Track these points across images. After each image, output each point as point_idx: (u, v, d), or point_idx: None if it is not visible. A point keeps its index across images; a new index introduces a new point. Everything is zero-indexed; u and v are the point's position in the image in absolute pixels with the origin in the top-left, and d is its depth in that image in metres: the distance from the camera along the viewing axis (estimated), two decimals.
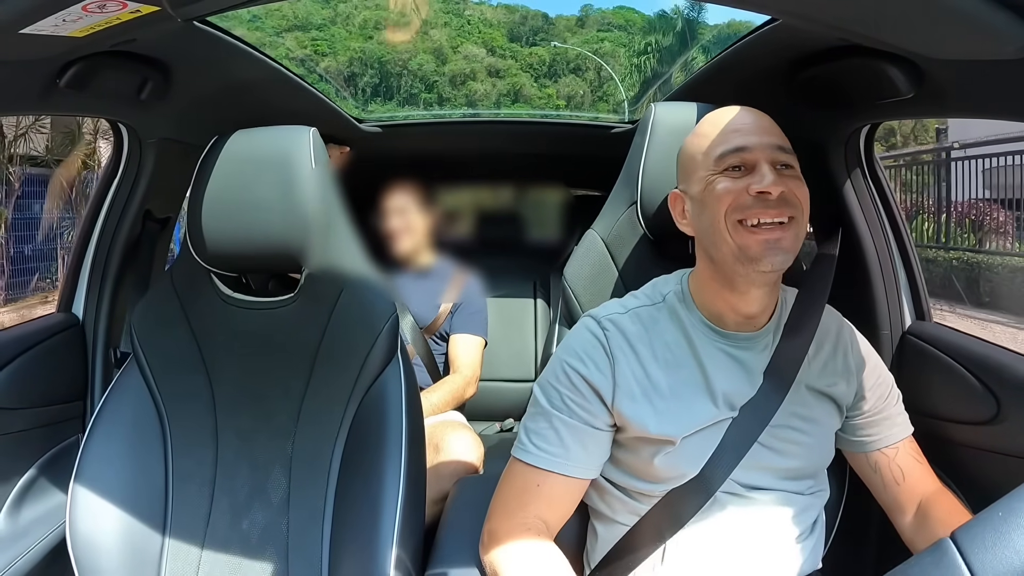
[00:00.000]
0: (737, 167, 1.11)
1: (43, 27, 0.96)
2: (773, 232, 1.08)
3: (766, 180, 1.07)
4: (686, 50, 21.68)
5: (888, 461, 1.23)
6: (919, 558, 0.67)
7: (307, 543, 1.35)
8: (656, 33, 26.04)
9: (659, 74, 22.29)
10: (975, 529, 0.65)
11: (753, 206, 1.08)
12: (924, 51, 1.06)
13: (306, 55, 30.18)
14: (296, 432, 1.41)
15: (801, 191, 1.11)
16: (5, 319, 8.00)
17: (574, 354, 1.16)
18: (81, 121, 9.29)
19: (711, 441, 1.13)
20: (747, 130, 1.13)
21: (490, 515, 1.17)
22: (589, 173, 3.04)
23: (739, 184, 1.10)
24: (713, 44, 15.78)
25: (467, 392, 2.34)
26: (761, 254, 1.08)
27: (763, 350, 1.18)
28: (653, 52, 25.23)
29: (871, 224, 1.56)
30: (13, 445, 1.52)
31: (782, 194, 1.08)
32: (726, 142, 1.12)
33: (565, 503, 1.17)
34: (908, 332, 1.54)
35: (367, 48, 34.11)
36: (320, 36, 34.35)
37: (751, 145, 1.10)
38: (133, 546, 1.31)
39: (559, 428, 1.13)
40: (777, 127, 1.15)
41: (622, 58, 29.81)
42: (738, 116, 1.15)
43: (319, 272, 1.44)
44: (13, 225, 9.18)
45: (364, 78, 34.20)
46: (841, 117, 1.48)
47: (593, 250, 1.52)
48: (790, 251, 1.10)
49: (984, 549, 0.63)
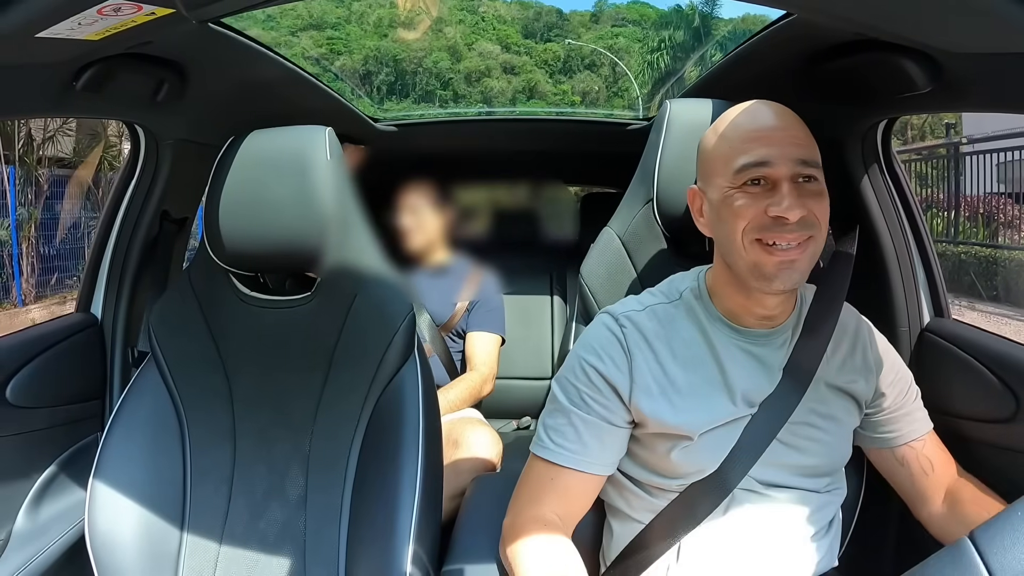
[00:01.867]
0: (757, 181, 1.08)
1: (59, 31, 0.96)
2: (789, 254, 1.07)
3: (784, 204, 1.05)
4: (700, 46, 21.74)
5: (916, 454, 1.23)
6: (937, 557, 0.66)
7: (324, 541, 1.35)
8: (670, 28, 25.88)
9: (672, 71, 22.29)
10: (993, 529, 0.65)
11: (771, 228, 1.07)
12: (941, 45, 1.04)
13: (322, 54, 30.42)
14: (313, 431, 1.41)
15: (820, 208, 1.08)
16: (36, 316, 8.15)
17: (592, 350, 1.16)
18: (105, 123, 9.40)
19: (730, 437, 1.13)
20: (770, 139, 1.08)
21: (509, 510, 1.17)
22: (605, 170, 3.03)
23: (758, 204, 1.07)
24: (728, 40, 15.66)
25: (484, 390, 2.34)
26: (775, 274, 1.07)
27: (781, 346, 1.17)
28: (667, 48, 24.95)
29: (888, 220, 1.54)
30: (32, 443, 1.54)
31: (801, 218, 1.06)
32: (747, 152, 1.08)
33: (582, 499, 1.17)
34: (926, 329, 1.52)
35: (382, 46, 34.17)
36: (335, 35, 34.50)
37: (773, 160, 1.07)
38: (151, 544, 1.33)
39: (577, 424, 1.14)
40: (802, 128, 1.11)
41: (636, 54, 29.74)
42: (762, 119, 1.12)
43: (336, 271, 1.45)
44: (43, 225, 9.34)
45: (380, 76, 34.21)
46: (858, 112, 1.46)
47: (610, 248, 1.52)
48: (805, 271, 1.09)
49: (1003, 549, 0.63)
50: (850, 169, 1.54)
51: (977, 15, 0.86)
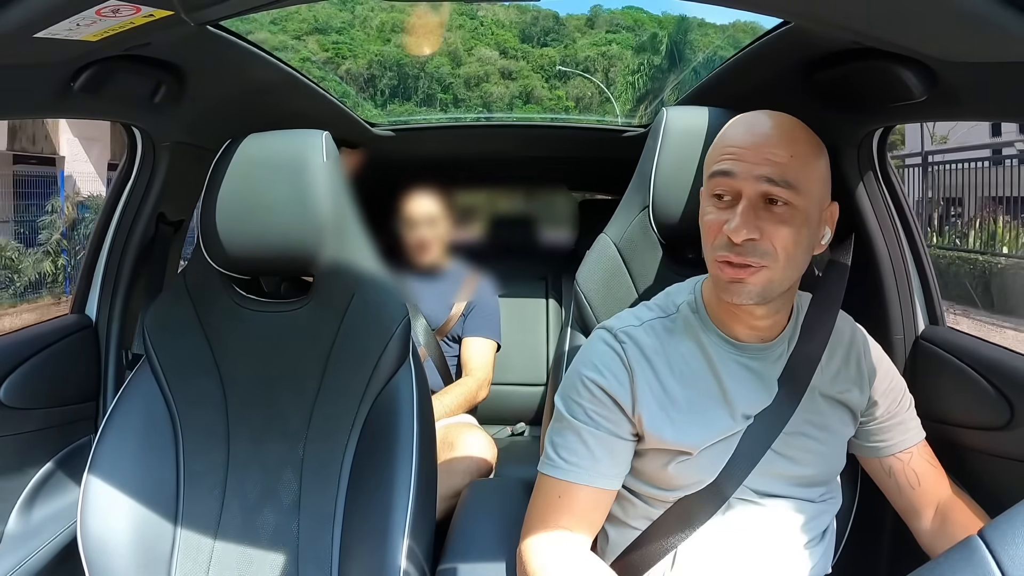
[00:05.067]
0: (722, 194, 1.07)
1: (57, 31, 0.96)
2: (738, 272, 1.05)
3: (732, 224, 1.03)
4: (676, 68, 24.37)
5: (903, 466, 1.23)
6: (947, 556, 0.66)
7: (318, 545, 1.35)
8: (647, 52, 29.01)
9: (652, 90, 24.75)
10: (1004, 526, 0.65)
11: (723, 246, 1.06)
12: (937, 54, 1.05)
13: (328, 58, 31.15)
14: (308, 434, 1.41)
15: (781, 236, 1.04)
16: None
17: (592, 366, 1.15)
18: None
19: (726, 450, 1.13)
20: (743, 153, 1.05)
21: (525, 531, 1.16)
22: (602, 176, 3.04)
23: (720, 217, 1.06)
24: (702, 66, 16.08)
25: (479, 395, 2.34)
26: (726, 287, 1.07)
27: (778, 359, 1.17)
28: (645, 71, 27.83)
29: (884, 228, 1.54)
30: (25, 445, 1.53)
31: (750, 242, 1.04)
32: (720, 161, 1.07)
33: (596, 514, 1.16)
34: (921, 337, 1.52)
35: (385, 51, 34.88)
36: (341, 40, 35.19)
37: (737, 172, 1.05)
38: (144, 546, 1.32)
39: (587, 439, 1.13)
40: (790, 147, 1.05)
41: (628, 60, 31.60)
42: (746, 131, 1.09)
43: (331, 275, 1.45)
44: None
45: (383, 80, 34.92)
46: (854, 120, 1.47)
47: (605, 255, 1.51)
48: (762, 292, 1.07)
49: (1014, 546, 0.63)
50: (846, 177, 1.54)
51: (973, 24, 0.86)
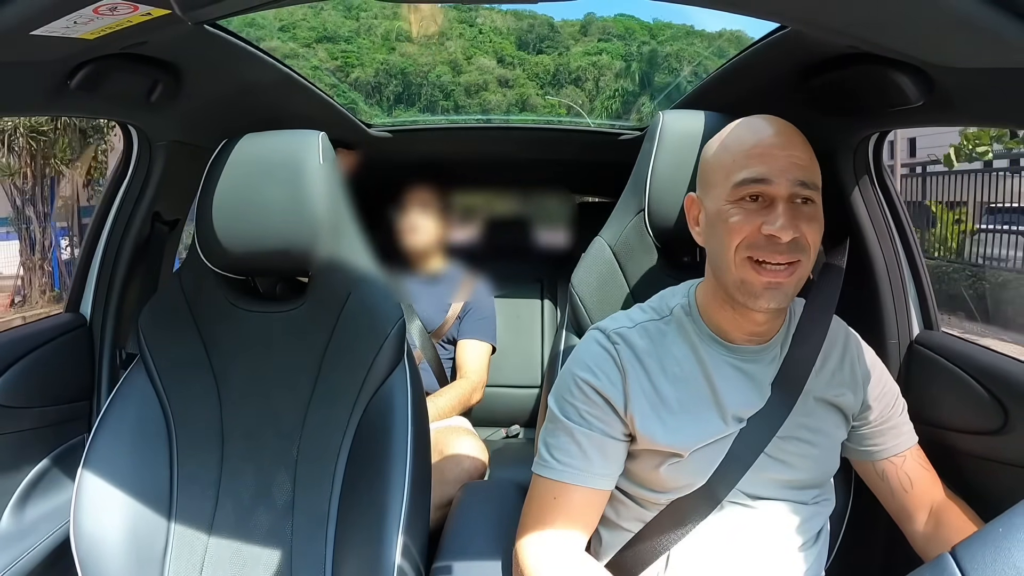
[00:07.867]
0: (755, 197, 1.08)
1: (54, 29, 0.96)
2: (777, 275, 1.07)
3: (778, 224, 1.05)
4: (643, 94, 32.09)
5: (896, 469, 1.23)
6: (918, 573, 0.66)
7: (311, 545, 1.35)
8: (623, 79, 34.67)
9: (621, 115, 29.73)
10: (975, 545, 0.65)
11: (762, 246, 1.06)
12: (934, 59, 1.05)
13: (337, 67, 33.11)
14: (302, 435, 1.41)
15: (812, 233, 1.08)
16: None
17: (585, 367, 1.16)
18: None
19: (719, 453, 1.13)
20: (773, 157, 1.08)
21: (520, 532, 1.16)
22: (598, 179, 3.04)
23: (753, 221, 1.07)
24: (664, 98, 16.78)
25: (473, 398, 2.34)
26: (761, 293, 1.08)
27: (771, 362, 1.17)
28: (619, 96, 33.62)
29: (879, 233, 1.55)
30: (19, 444, 1.52)
31: (793, 240, 1.06)
32: (748, 167, 1.08)
33: (590, 515, 1.16)
34: (916, 341, 1.53)
35: (390, 60, 36.84)
36: (349, 48, 36.94)
37: (773, 177, 1.06)
38: (137, 546, 1.32)
39: (580, 440, 1.13)
40: (805, 149, 1.10)
41: (611, 78, 35.91)
42: (767, 135, 1.10)
43: (327, 275, 1.44)
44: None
45: (389, 87, 36.84)
46: (850, 125, 1.47)
47: (600, 257, 1.51)
48: (791, 293, 1.09)
49: (983, 566, 0.63)
50: (842, 181, 1.55)
51: (970, 30, 0.87)
